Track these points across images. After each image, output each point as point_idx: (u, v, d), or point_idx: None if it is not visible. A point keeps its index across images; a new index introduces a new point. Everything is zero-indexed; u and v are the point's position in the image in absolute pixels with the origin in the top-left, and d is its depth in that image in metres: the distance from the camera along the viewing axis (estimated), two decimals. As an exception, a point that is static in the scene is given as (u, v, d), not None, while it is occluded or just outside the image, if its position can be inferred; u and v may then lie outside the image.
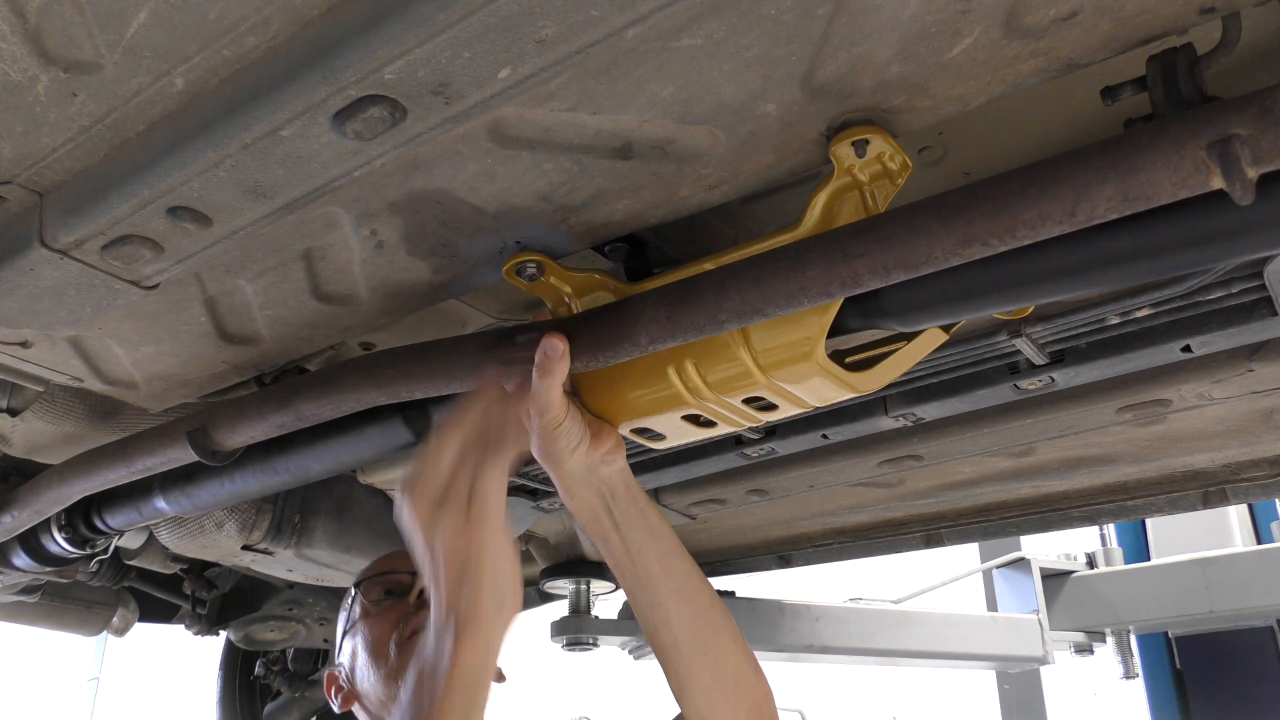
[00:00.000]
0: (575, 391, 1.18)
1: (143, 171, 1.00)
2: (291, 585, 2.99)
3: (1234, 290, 1.29)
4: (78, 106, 0.95)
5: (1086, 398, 1.66)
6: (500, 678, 1.06)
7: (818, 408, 1.14)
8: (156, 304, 1.26)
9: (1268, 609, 3.70)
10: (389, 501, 2.26)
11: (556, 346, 1.07)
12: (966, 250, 0.85)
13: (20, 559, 2.00)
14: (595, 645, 2.82)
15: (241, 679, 3.50)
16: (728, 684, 1.21)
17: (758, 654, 1.25)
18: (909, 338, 1.13)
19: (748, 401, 1.11)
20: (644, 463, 1.88)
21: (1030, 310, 1.24)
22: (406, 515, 1.07)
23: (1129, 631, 4.16)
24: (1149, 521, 4.42)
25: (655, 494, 2.17)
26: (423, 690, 1.03)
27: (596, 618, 2.83)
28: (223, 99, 0.93)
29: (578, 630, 2.80)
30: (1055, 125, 1.16)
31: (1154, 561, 4.16)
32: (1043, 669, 4.20)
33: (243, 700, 3.50)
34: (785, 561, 2.67)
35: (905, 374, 1.17)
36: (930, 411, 1.61)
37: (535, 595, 3.11)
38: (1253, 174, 0.74)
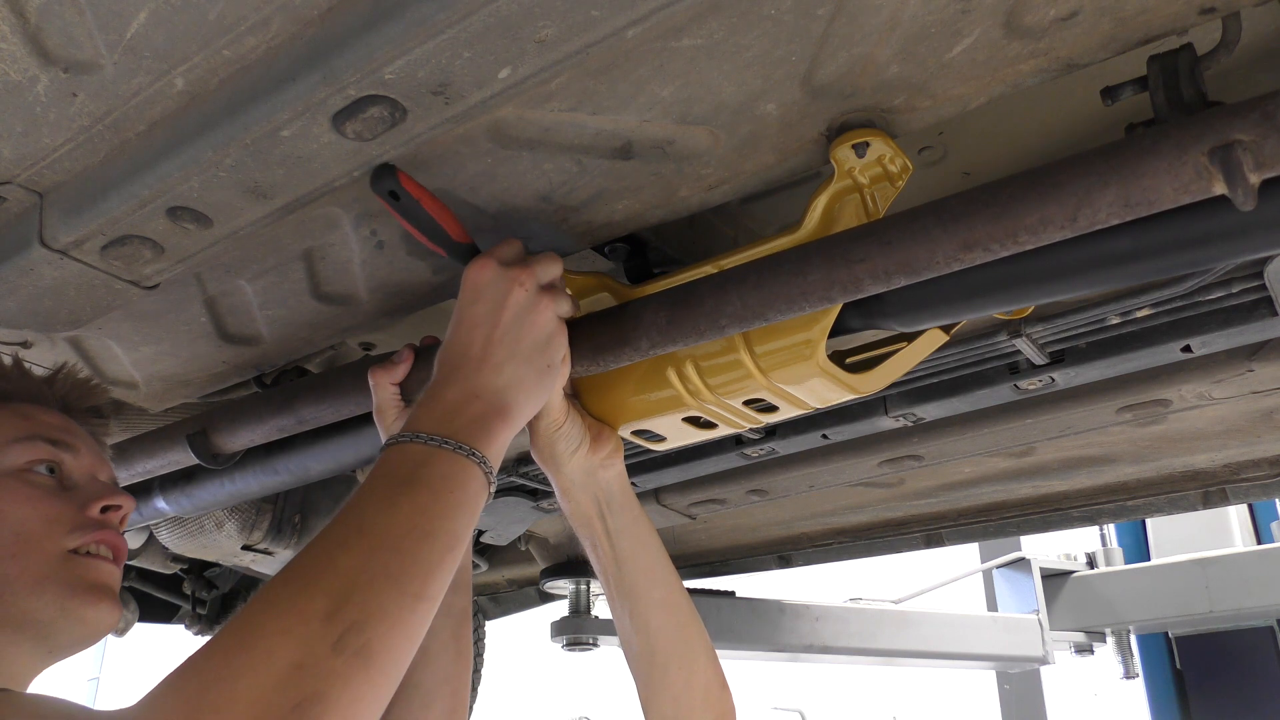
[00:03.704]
0: (575, 394, 1.18)
1: (143, 171, 1.00)
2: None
3: (1234, 290, 1.28)
4: (78, 106, 0.95)
5: (1086, 398, 1.66)
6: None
7: (818, 408, 1.14)
8: (156, 304, 1.26)
9: (1268, 609, 3.70)
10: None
11: None
12: (968, 255, 0.85)
13: (20, 559, 1.99)
14: (595, 645, 2.82)
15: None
16: (696, 697, 1.22)
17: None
18: (909, 338, 1.13)
19: (748, 403, 1.11)
20: (644, 463, 1.88)
21: (1030, 310, 1.23)
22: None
23: (1129, 631, 4.17)
24: (1149, 521, 4.43)
25: (655, 494, 2.16)
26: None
27: (596, 618, 2.83)
28: (223, 99, 0.93)
29: (578, 630, 2.80)
30: (1055, 126, 1.16)
31: (1154, 561, 4.17)
32: (1043, 669, 4.20)
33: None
34: (785, 561, 2.67)
35: (905, 374, 1.17)
36: (930, 411, 1.61)
37: (535, 595, 3.11)
38: (1255, 180, 0.74)
